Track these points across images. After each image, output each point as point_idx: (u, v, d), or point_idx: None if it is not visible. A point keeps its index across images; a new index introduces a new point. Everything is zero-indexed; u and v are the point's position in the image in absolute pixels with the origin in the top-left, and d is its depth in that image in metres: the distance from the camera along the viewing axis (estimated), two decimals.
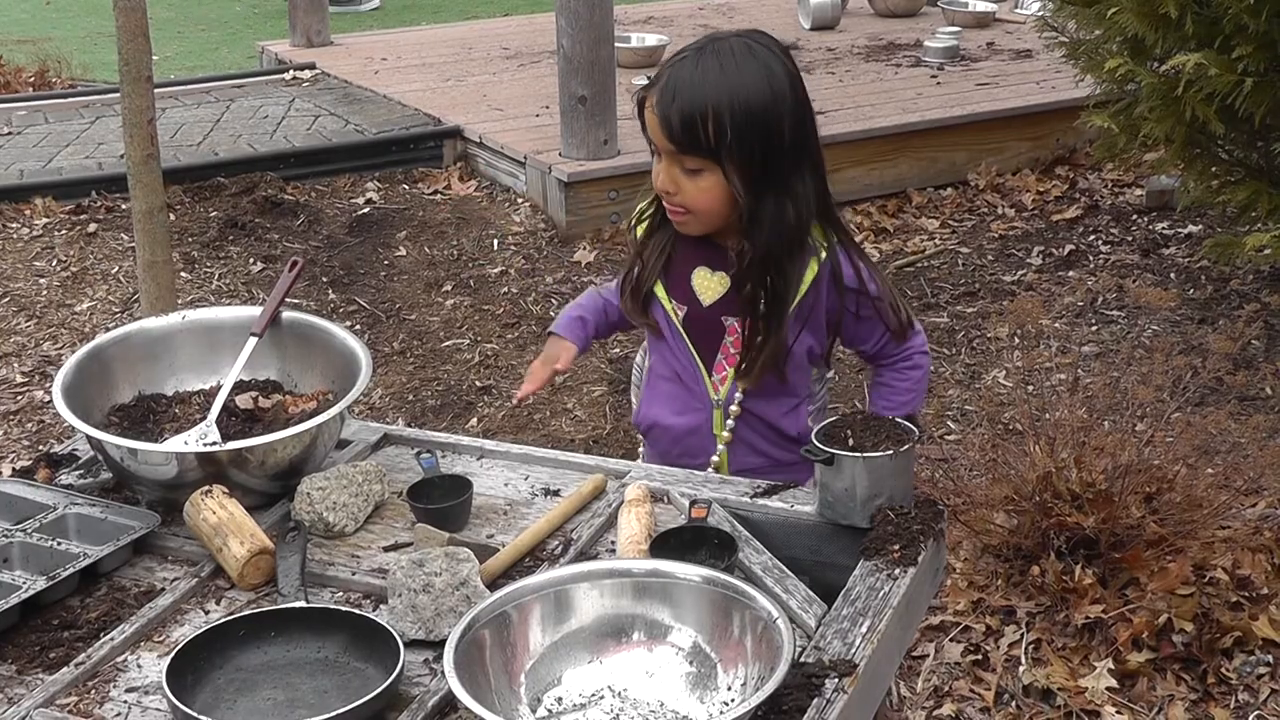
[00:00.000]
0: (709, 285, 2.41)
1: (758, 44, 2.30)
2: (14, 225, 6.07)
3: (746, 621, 1.72)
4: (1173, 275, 5.49)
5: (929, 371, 2.61)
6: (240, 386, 2.35)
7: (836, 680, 1.68)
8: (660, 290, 2.44)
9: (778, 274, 2.34)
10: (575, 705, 1.71)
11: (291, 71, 8.24)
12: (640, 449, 2.71)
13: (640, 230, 2.49)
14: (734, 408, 2.45)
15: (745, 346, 2.40)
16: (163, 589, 1.98)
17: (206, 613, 1.94)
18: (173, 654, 1.73)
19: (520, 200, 6.35)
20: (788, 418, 2.48)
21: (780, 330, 2.37)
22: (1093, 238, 5.97)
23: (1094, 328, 5.06)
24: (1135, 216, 6.16)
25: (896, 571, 1.91)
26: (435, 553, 1.86)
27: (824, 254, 2.38)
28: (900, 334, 2.48)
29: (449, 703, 1.69)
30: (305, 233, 6.04)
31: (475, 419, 4.67)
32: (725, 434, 2.47)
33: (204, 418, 2.25)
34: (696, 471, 2.29)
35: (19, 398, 4.89)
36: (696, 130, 2.22)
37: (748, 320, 2.38)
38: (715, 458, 2.49)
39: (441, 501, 2.13)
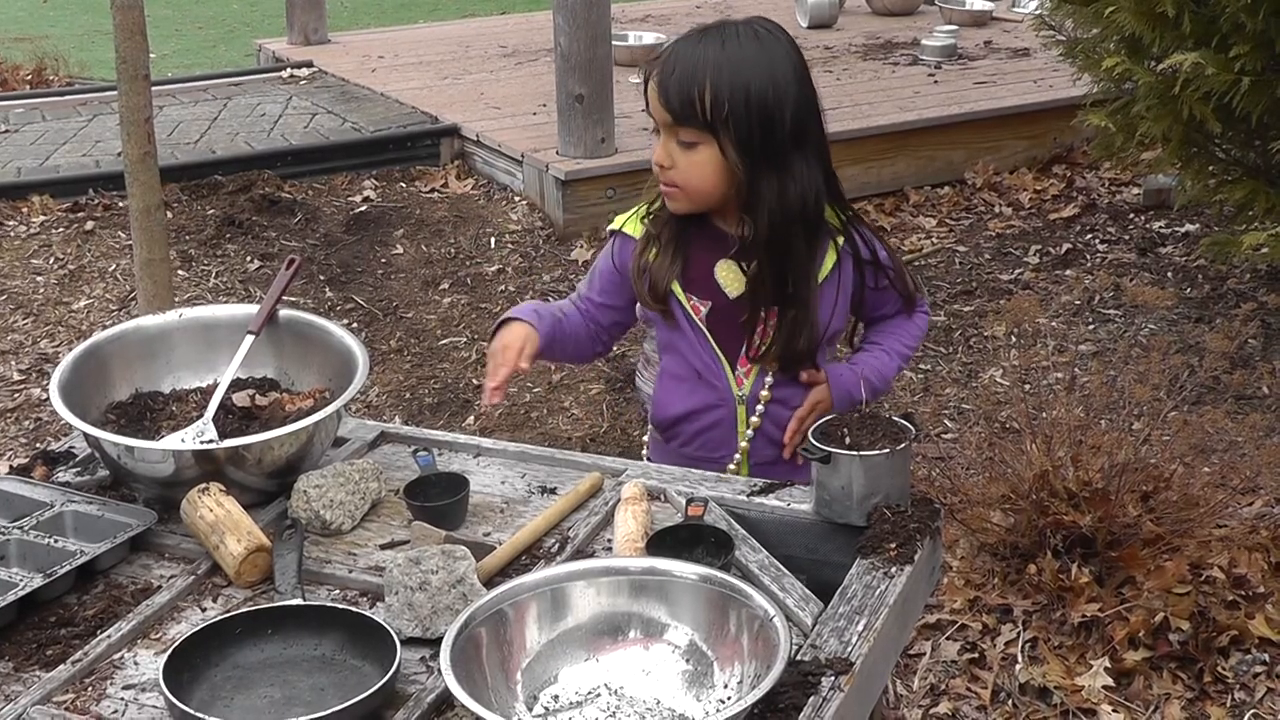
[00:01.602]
0: (735, 277, 2.40)
1: (764, 29, 2.32)
2: (11, 223, 6.06)
3: (743, 619, 1.72)
4: (1170, 274, 5.50)
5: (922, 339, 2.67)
6: (237, 384, 2.35)
7: (833, 678, 1.68)
8: (678, 288, 2.41)
9: (787, 254, 2.33)
10: (571, 703, 1.71)
11: (289, 70, 8.24)
12: (644, 450, 2.69)
13: (635, 229, 2.47)
14: (764, 392, 2.44)
15: (779, 340, 2.39)
16: (160, 586, 1.98)
17: (203, 610, 1.94)
18: (170, 651, 1.73)
19: (517, 198, 6.35)
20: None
21: (807, 312, 2.37)
22: (1090, 236, 5.97)
23: (1091, 326, 5.06)
24: (1132, 215, 6.17)
25: (893, 570, 1.91)
26: (432, 551, 1.87)
27: (841, 238, 2.40)
28: (911, 302, 2.53)
29: (445, 700, 1.69)
30: (302, 231, 6.04)
31: (472, 417, 4.67)
32: (749, 430, 2.46)
33: (201, 415, 2.25)
34: (693, 470, 2.29)
35: (16, 395, 4.89)
36: (693, 100, 2.24)
37: (773, 305, 2.38)
38: (737, 455, 2.47)
39: (438, 499, 2.13)
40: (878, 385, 2.50)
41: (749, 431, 2.46)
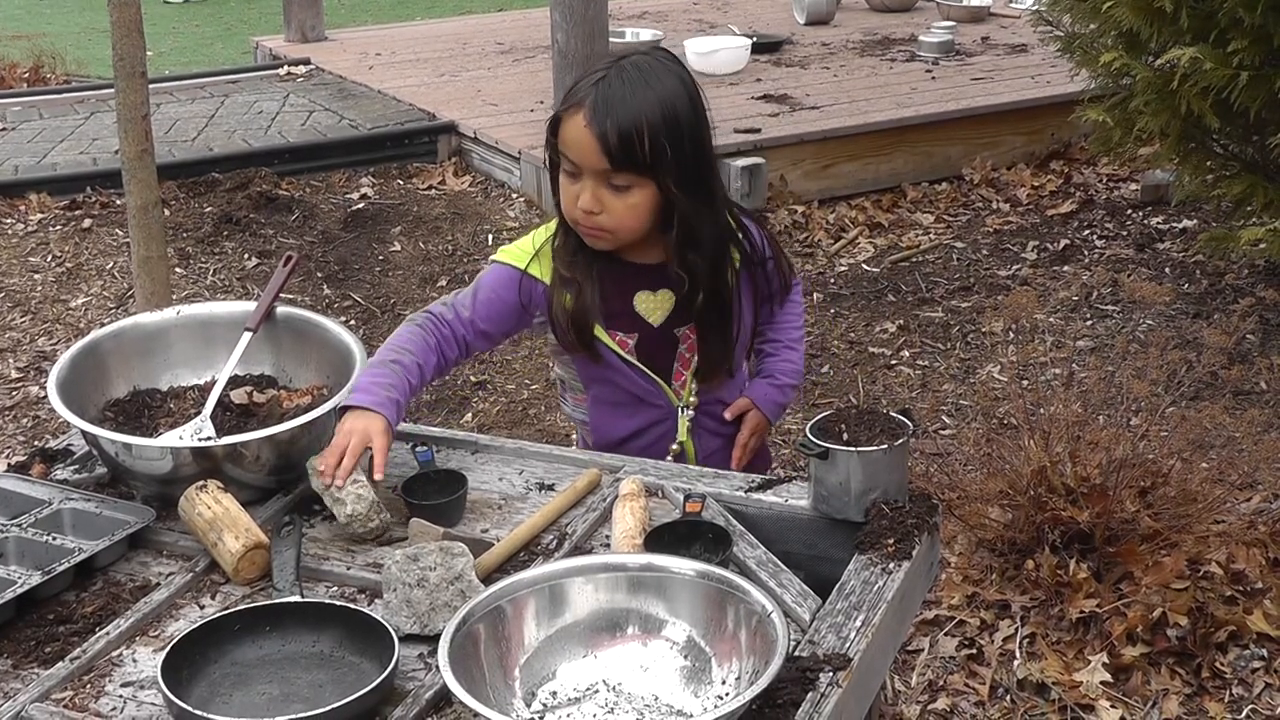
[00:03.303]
0: (655, 305, 2.39)
1: (667, 59, 2.31)
2: (9, 221, 6.06)
3: (741, 616, 1.72)
4: (1168, 270, 5.50)
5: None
6: (235, 381, 2.35)
7: (831, 674, 1.68)
8: (600, 332, 2.37)
9: (723, 280, 2.37)
10: (570, 699, 1.71)
11: (286, 67, 8.23)
12: (574, 438, 2.70)
13: (542, 270, 2.38)
14: (691, 401, 2.47)
15: (703, 354, 2.41)
16: (158, 584, 1.98)
17: (202, 607, 1.94)
18: (168, 648, 1.73)
19: (515, 195, 6.35)
20: (732, 390, 2.53)
21: (729, 325, 2.41)
22: (1088, 232, 5.97)
23: (1089, 322, 5.06)
24: (1130, 211, 6.17)
25: (891, 566, 1.92)
26: (430, 547, 1.87)
27: (740, 235, 2.42)
28: (787, 285, 2.56)
29: (444, 697, 1.69)
30: (300, 228, 6.04)
31: (470, 414, 4.67)
32: (685, 432, 2.48)
33: (199, 413, 2.25)
34: (691, 466, 2.30)
35: (14, 393, 4.89)
36: (633, 145, 2.19)
37: (701, 328, 2.40)
38: (675, 446, 2.48)
39: (436, 497, 2.13)
40: (795, 382, 2.61)
41: (685, 432, 2.48)
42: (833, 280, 5.59)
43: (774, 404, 2.56)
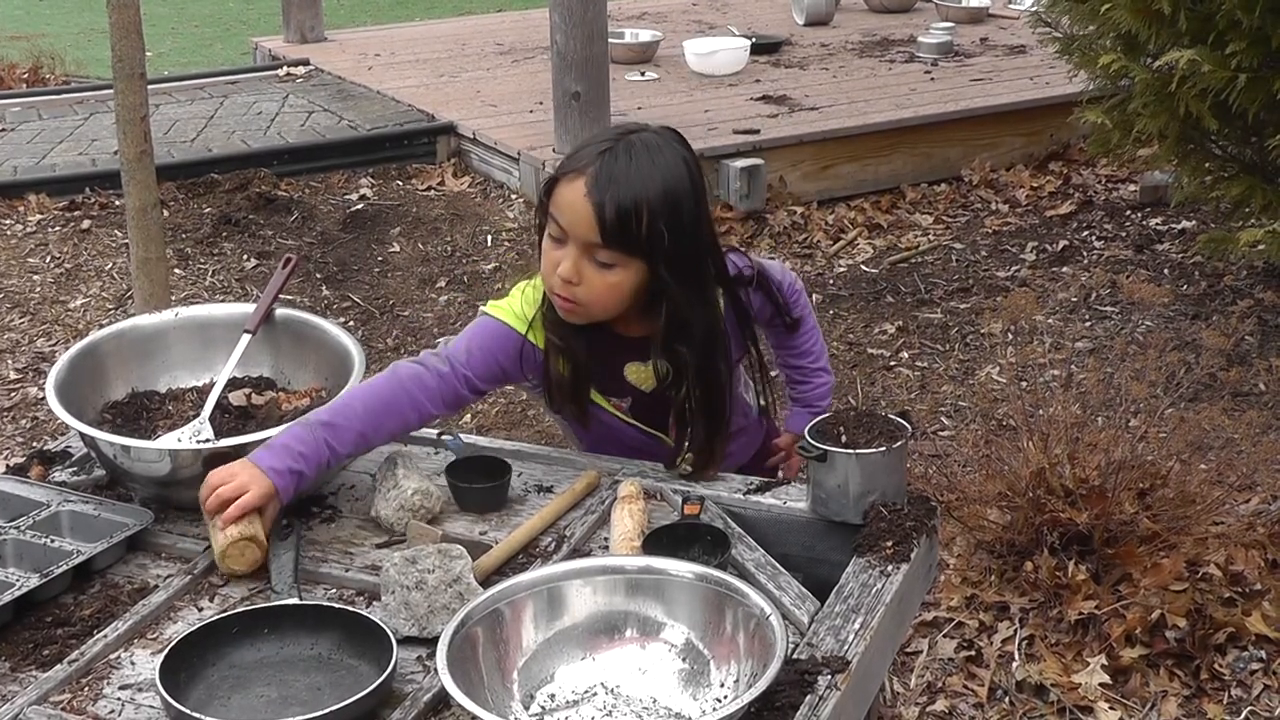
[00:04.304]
0: (646, 375, 2.33)
1: (674, 140, 2.24)
2: (7, 222, 6.06)
3: (739, 618, 1.72)
4: (1166, 271, 5.50)
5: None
6: (234, 383, 2.35)
7: (829, 677, 1.68)
8: (596, 395, 2.34)
9: (710, 372, 2.28)
10: (568, 702, 1.71)
11: (285, 68, 8.23)
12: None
13: (537, 336, 2.32)
14: (689, 457, 2.35)
15: (691, 446, 2.29)
16: (156, 586, 1.98)
17: (200, 610, 1.94)
18: (166, 651, 1.73)
19: (514, 196, 6.35)
20: (735, 416, 2.41)
21: (717, 419, 2.30)
22: (1086, 233, 5.97)
23: (1088, 323, 5.06)
24: (1129, 212, 6.17)
25: (889, 568, 1.92)
26: (428, 550, 1.87)
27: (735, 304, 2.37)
28: (792, 327, 2.54)
29: (442, 700, 1.69)
30: (299, 229, 6.04)
31: (469, 414, 4.68)
32: (687, 466, 2.37)
33: (197, 415, 2.25)
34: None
35: (12, 394, 4.89)
36: (630, 224, 2.12)
37: (680, 423, 2.29)
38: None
39: (480, 482, 2.17)
40: (830, 402, 2.64)
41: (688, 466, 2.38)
42: (831, 281, 5.59)
43: None
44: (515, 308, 2.32)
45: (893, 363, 4.91)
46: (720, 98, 6.83)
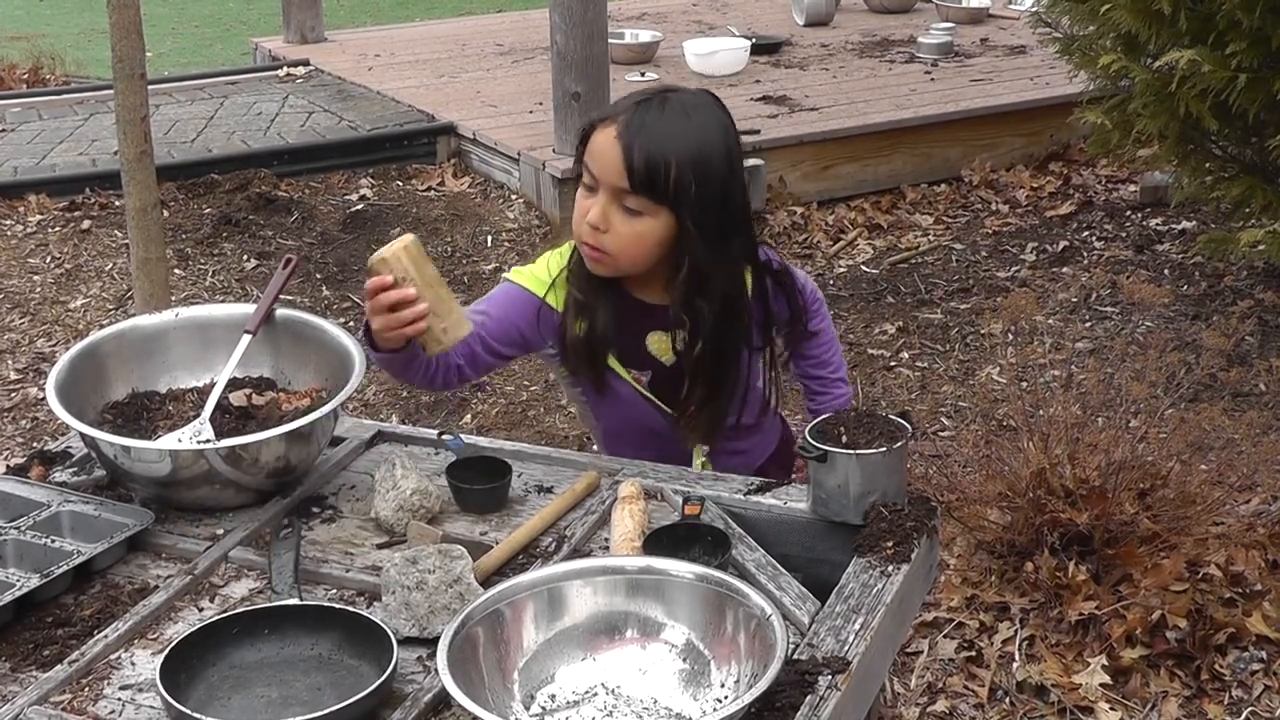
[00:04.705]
0: (666, 347, 2.36)
1: (713, 101, 2.28)
2: (8, 222, 6.06)
3: (740, 618, 1.72)
4: (1167, 271, 5.50)
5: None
6: (234, 384, 2.35)
7: (830, 677, 1.68)
8: (615, 364, 2.36)
9: (726, 333, 2.30)
10: (569, 702, 1.71)
11: (285, 68, 8.23)
12: (595, 446, 2.68)
13: (557, 299, 2.36)
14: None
15: (697, 406, 2.33)
16: (156, 586, 1.97)
17: (200, 610, 1.94)
18: (166, 651, 1.72)
19: (514, 197, 6.35)
20: (749, 408, 2.47)
21: (726, 382, 2.34)
22: (1087, 234, 5.97)
23: (1088, 324, 5.06)
24: (1129, 212, 6.17)
25: (890, 568, 1.92)
26: (429, 550, 1.86)
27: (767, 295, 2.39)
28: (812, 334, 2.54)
29: (442, 700, 1.69)
30: (299, 229, 6.04)
31: (469, 415, 4.67)
32: (703, 460, 2.45)
33: (198, 415, 2.24)
34: (689, 469, 2.29)
35: (13, 395, 4.89)
36: (658, 171, 2.16)
37: (693, 380, 2.32)
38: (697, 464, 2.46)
39: (480, 483, 2.17)
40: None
41: (703, 460, 2.45)
42: (831, 282, 5.59)
43: None
44: (538, 273, 2.38)
45: (893, 363, 4.91)
46: (720, 98, 6.82)
